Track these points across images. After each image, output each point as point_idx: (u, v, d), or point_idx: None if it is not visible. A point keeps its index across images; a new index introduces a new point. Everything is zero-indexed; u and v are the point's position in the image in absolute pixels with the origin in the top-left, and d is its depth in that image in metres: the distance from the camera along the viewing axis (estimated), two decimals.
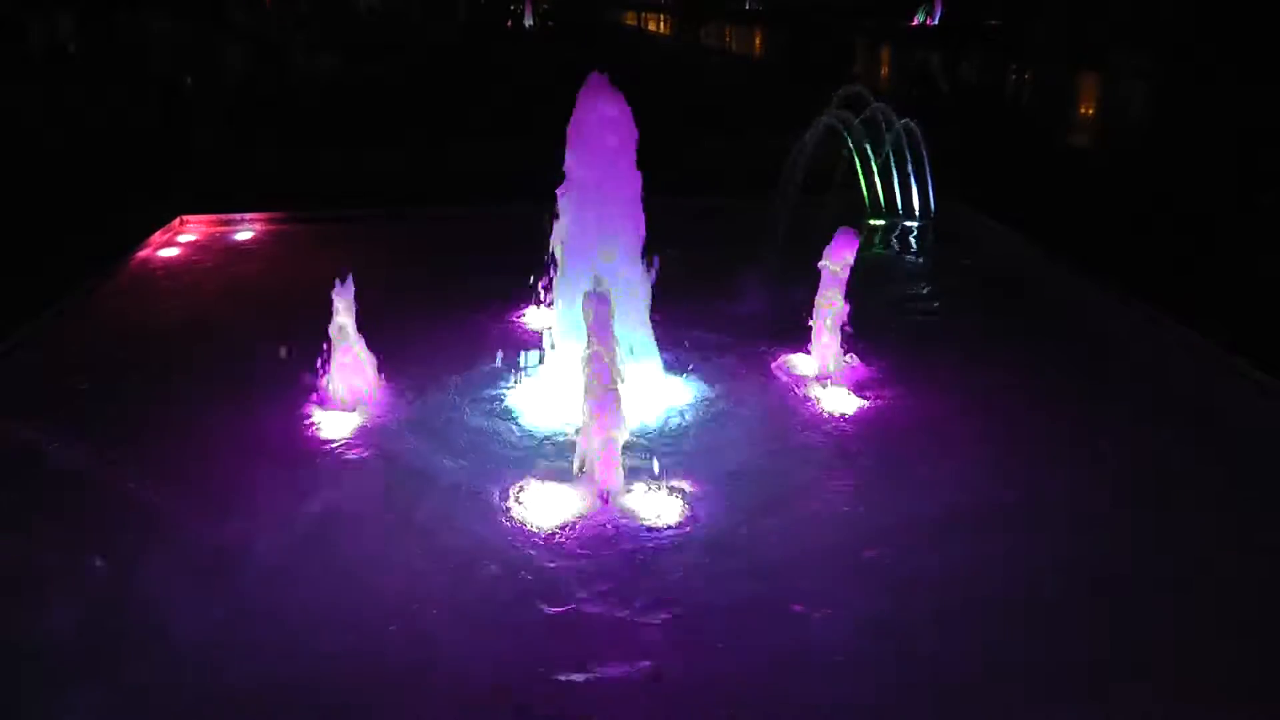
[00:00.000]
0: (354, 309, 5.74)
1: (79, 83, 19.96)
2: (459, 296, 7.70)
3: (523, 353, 6.55)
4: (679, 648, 3.89)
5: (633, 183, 5.71)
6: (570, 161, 5.71)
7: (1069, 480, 5.16)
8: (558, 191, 5.76)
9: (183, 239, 9.84)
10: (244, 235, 10.08)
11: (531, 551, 4.46)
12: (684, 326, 6.92)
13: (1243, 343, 6.39)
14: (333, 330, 5.76)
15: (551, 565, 4.35)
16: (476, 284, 7.78)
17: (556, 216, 5.91)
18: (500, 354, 6.55)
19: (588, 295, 4.62)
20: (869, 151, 10.20)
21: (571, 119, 5.65)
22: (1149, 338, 7.01)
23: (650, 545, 4.50)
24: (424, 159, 13.60)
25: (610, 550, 4.46)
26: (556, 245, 5.95)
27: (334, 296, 5.70)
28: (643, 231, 5.79)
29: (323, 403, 5.87)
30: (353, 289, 5.70)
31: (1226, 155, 13.60)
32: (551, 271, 6.10)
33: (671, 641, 3.92)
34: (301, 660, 3.82)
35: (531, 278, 6.36)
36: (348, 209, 10.83)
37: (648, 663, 3.78)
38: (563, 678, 3.71)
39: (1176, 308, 7.10)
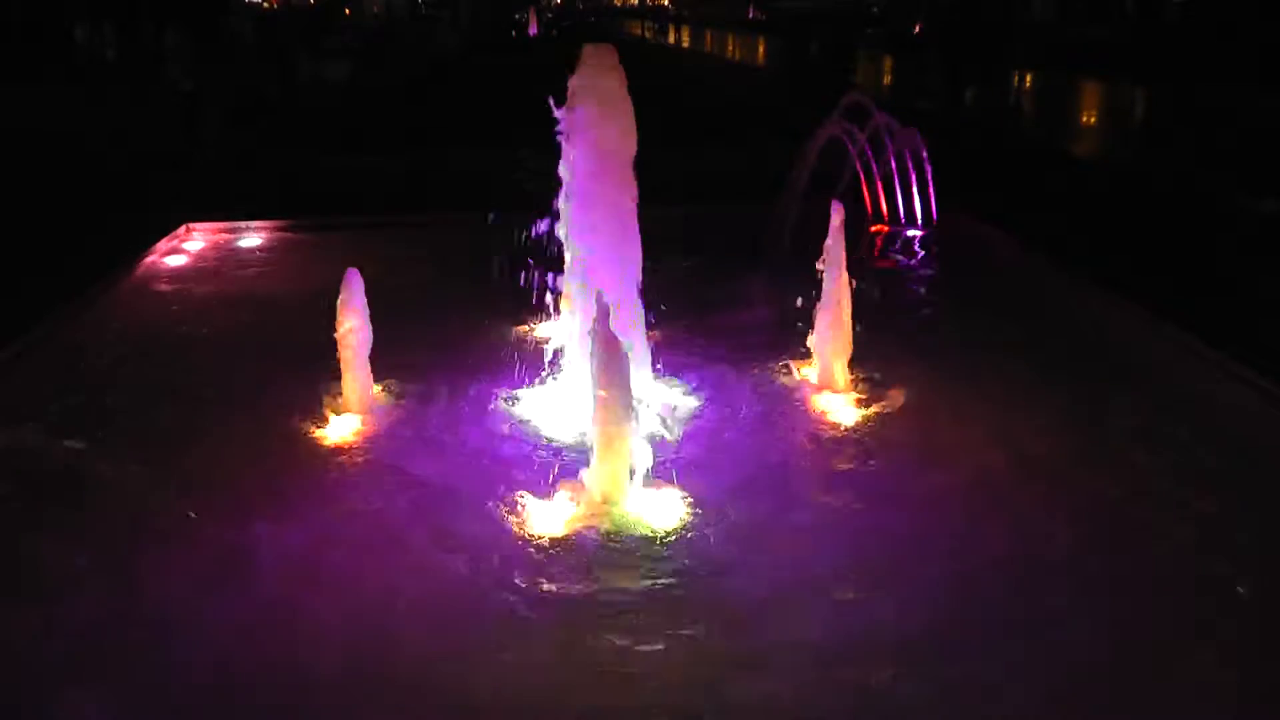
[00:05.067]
0: (364, 314, 5.77)
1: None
2: (466, 303, 7.73)
3: (531, 362, 6.57)
4: (681, 652, 3.90)
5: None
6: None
7: (1074, 487, 5.16)
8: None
9: (188, 246, 9.90)
10: (250, 243, 10.13)
11: (534, 560, 4.46)
12: (684, 334, 6.93)
13: (1244, 347, 6.39)
14: (339, 336, 5.80)
15: (553, 573, 4.36)
16: (485, 290, 7.80)
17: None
18: (508, 362, 6.56)
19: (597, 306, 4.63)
20: (872, 160, 10.24)
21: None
22: (1152, 342, 7.02)
23: (652, 553, 4.50)
24: (430, 164, 13.65)
25: (613, 557, 4.47)
26: (565, 250, 5.98)
27: (341, 302, 5.75)
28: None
29: (328, 409, 5.89)
30: (361, 293, 5.74)
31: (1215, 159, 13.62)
32: (562, 279, 6.12)
33: (673, 646, 3.93)
34: (303, 665, 3.83)
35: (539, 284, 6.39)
36: (353, 215, 10.88)
37: (650, 668, 3.80)
38: (565, 682, 3.72)
39: (1178, 312, 7.11)
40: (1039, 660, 3.85)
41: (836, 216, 5.98)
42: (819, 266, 6.05)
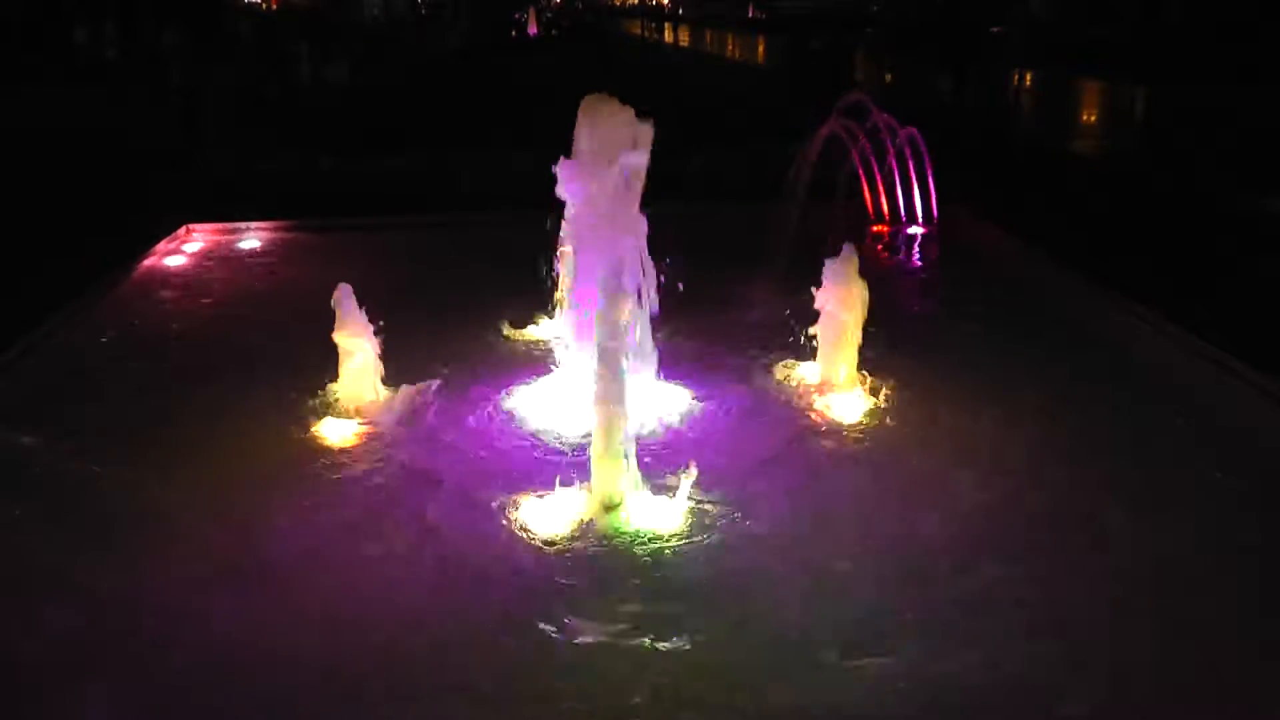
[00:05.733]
0: (359, 316, 5.78)
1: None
2: (466, 304, 7.73)
3: (530, 361, 6.57)
4: (682, 654, 3.90)
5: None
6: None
7: (1073, 485, 5.16)
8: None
9: (189, 248, 9.90)
10: (250, 244, 10.13)
11: (536, 559, 4.47)
12: (686, 334, 6.93)
13: (1244, 346, 6.39)
14: (338, 337, 5.81)
15: (555, 574, 4.37)
16: (483, 291, 7.81)
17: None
18: (507, 362, 6.56)
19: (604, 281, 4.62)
20: (872, 159, 10.25)
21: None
22: (1151, 341, 7.02)
23: (654, 554, 4.51)
24: (429, 165, 13.64)
25: (615, 558, 4.47)
26: (564, 252, 5.98)
27: (337, 304, 5.76)
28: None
29: (328, 410, 5.89)
30: (352, 300, 5.75)
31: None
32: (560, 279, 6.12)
33: (673, 648, 3.93)
34: (307, 666, 3.84)
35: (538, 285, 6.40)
36: (353, 217, 10.87)
37: (653, 669, 3.80)
38: (569, 684, 3.72)
39: (1178, 312, 7.11)
40: (1038, 657, 3.86)
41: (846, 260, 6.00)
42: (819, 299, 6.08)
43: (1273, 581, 4.32)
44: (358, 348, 5.85)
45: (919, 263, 9.65)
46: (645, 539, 4.60)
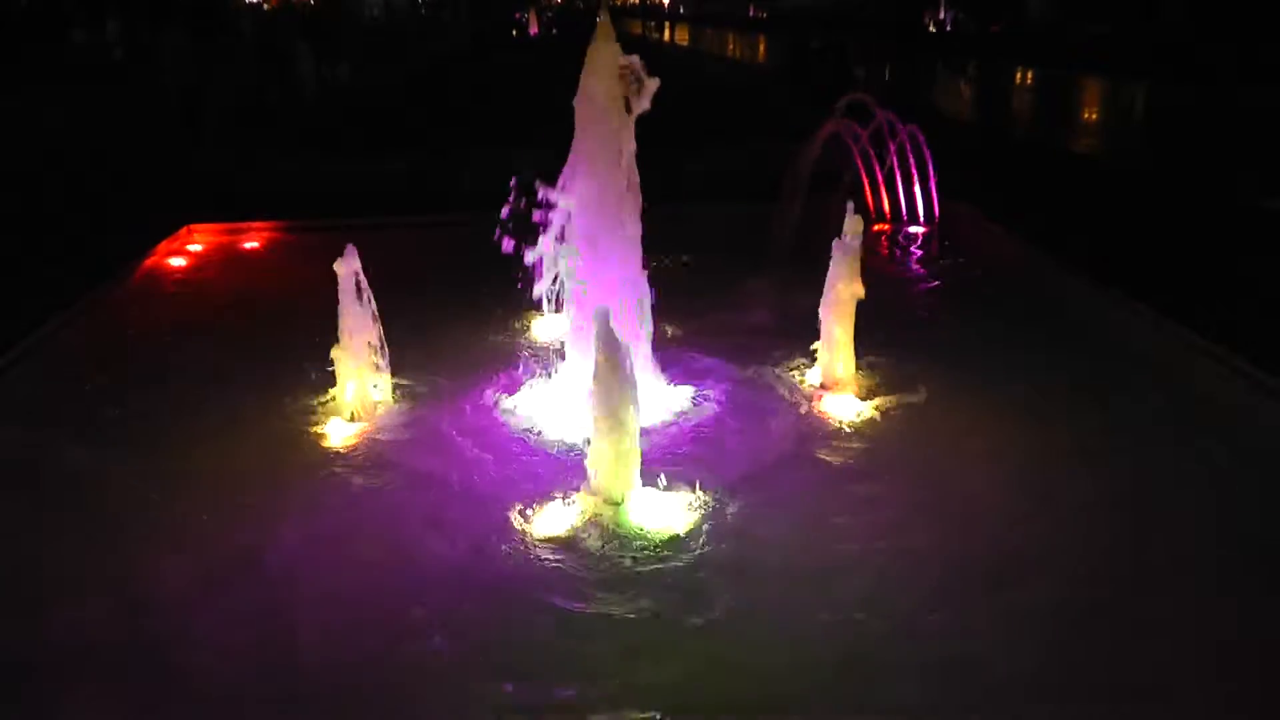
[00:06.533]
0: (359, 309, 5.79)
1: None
2: (466, 304, 7.74)
3: (531, 362, 6.57)
4: (684, 652, 3.91)
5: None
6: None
7: (1074, 484, 5.16)
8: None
9: (190, 248, 9.91)
10: (251, 244, 10.14)
11: (538, 558, 4.47)
12: (687, 333, 6.94)
13: (1245, 345, 6.39)
14: (339, 338, 5.81)
15: (558, 575, 4.36)
16: (483, 292, 7.81)
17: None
18: (509, 362, 6.57)
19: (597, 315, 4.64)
20: (874, 158, 10.25)
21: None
22: (1153, 340, 7.01)
23: (656, 554, 4.50)
24: (429, 165, 13.66)
25: (617, 559, 4.47)
26: (563, 254, 5.98)
27: (341, 304, 5.77)
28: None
29: (330, 410, 5.90)
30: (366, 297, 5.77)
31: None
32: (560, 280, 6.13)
33: (675, 646, 3.94)
34: (308, 666, 3.85)
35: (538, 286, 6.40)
36: (353, 217, 10.87)
37: (656, 668, 3.80)
38: (572, 691, 3.72)
39: (1178, 312, 7.11)
40: (1038, 656, 3.86)
41: (850, 230, 5.98)
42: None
43: (1275, 578, 4.32)
44: (360, 347, 5.85)
45: (919, 262, 9.64)
46: (647, 536, 4.60)
